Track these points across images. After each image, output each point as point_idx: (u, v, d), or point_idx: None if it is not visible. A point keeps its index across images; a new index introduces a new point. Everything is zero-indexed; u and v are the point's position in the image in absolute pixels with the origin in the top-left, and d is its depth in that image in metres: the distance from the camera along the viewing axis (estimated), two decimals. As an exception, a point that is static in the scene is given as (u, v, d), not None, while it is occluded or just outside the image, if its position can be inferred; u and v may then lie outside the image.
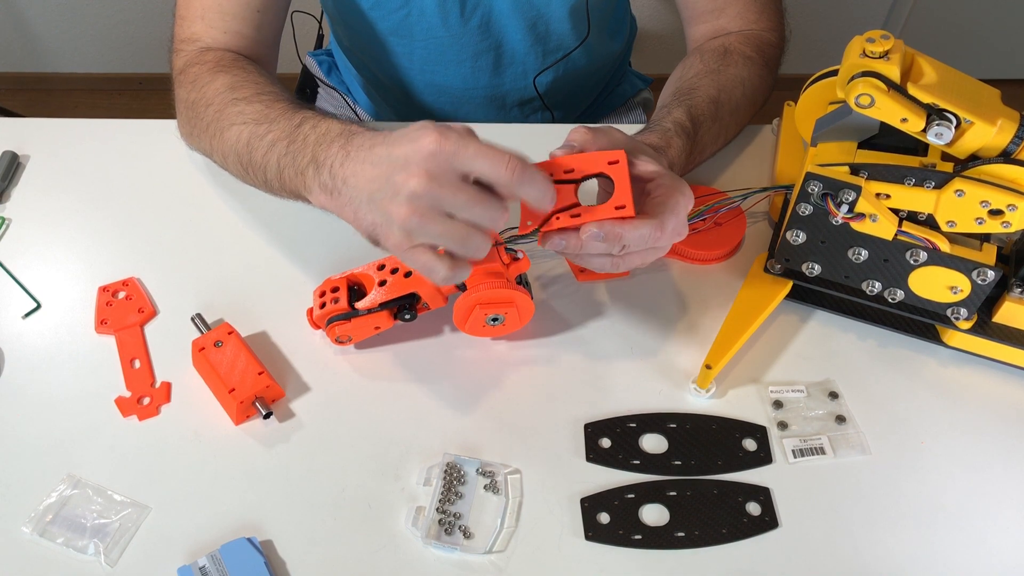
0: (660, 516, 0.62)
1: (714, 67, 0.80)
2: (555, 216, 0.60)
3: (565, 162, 0.60)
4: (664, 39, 2.03)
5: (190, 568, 0.58)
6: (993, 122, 0.61)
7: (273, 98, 0.73)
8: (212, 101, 0.75)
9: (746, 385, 0.70)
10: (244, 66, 0.79)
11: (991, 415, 0.68)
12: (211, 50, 0.80)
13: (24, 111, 1.94)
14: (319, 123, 0.66)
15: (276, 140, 0.68)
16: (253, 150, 0.71)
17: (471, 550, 0.60)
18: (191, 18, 0.81)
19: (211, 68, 0.78)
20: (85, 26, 2.08)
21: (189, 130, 0.81)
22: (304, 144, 0.66)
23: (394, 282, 0.67)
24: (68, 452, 0.65)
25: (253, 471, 0.64)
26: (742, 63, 0.81)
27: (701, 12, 0.87)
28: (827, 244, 0.68)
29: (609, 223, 0.59)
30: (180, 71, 0.80)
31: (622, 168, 0.59)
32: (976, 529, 0.62)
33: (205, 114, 0.76)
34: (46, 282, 0.76)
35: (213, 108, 0.75)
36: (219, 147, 0.76)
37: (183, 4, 0.82)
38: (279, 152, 0.68)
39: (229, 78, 0.76)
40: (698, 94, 0.77)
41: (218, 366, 0.67)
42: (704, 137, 0.77)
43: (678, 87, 0.79)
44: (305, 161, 0.65)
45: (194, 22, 0.81)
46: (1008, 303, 0.67)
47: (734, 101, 0.80)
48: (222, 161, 0.77)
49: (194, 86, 0.78)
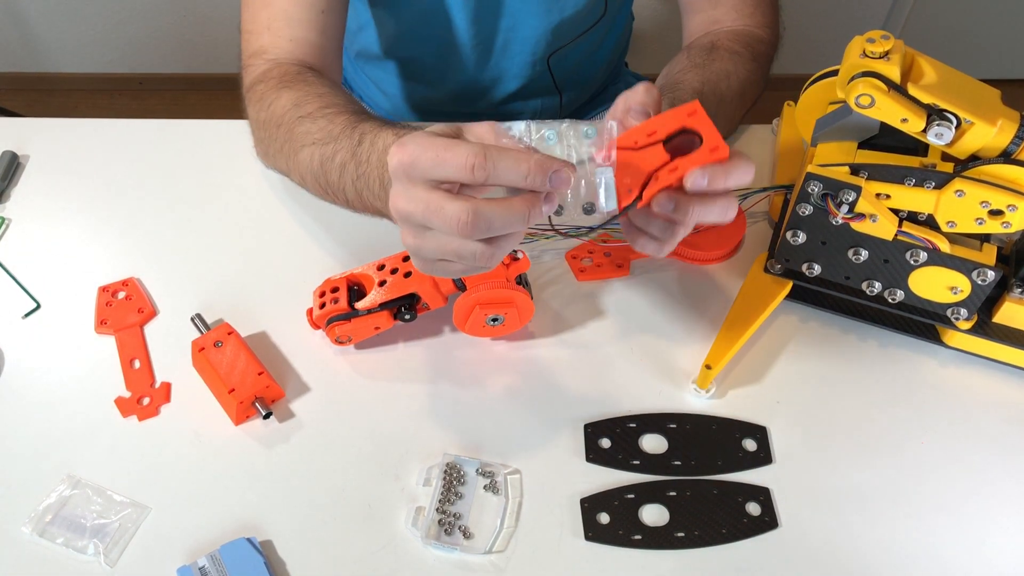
0: (660, 516, 0.62)
1: (699, 62, 0.80)
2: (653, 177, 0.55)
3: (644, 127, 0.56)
4: (661, 40, 2.03)
5: (190, 568, 0.58)
6: (993, 122, 0.61)
7: (336, 111, 0.71)
8: (281, 121, 0.74)
9: (746, 385, 0.70)
10: (307, 78, 0.77)
11: (991, 415, 0.68)
12: (278, 64, 0.78)
13: (24, 111, 1.94)
14: (376, 140, 0.66)
15: (345, 162, 0.68)
16: (328, 172, 0.70)
17: (471, 550, 0.60)
18: (258, 31, 0.79)
19: (276, 85, 0.76)
20: (85, 26, 2.08)
21: (264, 150, 0.79)
22: (368, 165, 0.66)
23: (394, 282, 0.67)
24: (68, 452, 0.65)
25: (253, 471, 0.64)
26: (728, 58, 0.81)
27: (698, 1, 0.87)
28: (827, 244, 0.68)
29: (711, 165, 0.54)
30: (248, 88, 0.79)
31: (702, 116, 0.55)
32: (976, 529, 0.62)
33: (277, 135, 0.75)
34: (46, 282, 0.76)
35: (283, 129, 0.74)
36: (296, 168, 0.75)
37: (249, 18, 0.80)
38: (351, 175, 0.67)
39: (293, 94, 0.74)
40: (681, 87, 0.77)
41: (218, 366, 0.67)
42: None
43: (663, 84, 0.79)
44: (377, 185, 0.65)
45: (261, 35, 0.79)
46: (1008, 303, 0.67)
47: (719, 93, 0.79)
48: (301, 181, 0.76)
49: (261, 105, 0.77)
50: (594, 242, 0.77)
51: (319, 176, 0.71)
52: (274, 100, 0.75)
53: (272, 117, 0.75)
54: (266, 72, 0.78)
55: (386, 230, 0.79)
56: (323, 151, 0.70)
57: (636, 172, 0.55)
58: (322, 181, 0.71)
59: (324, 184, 0.72)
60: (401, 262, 0.68)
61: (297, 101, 0.74)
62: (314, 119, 0.71)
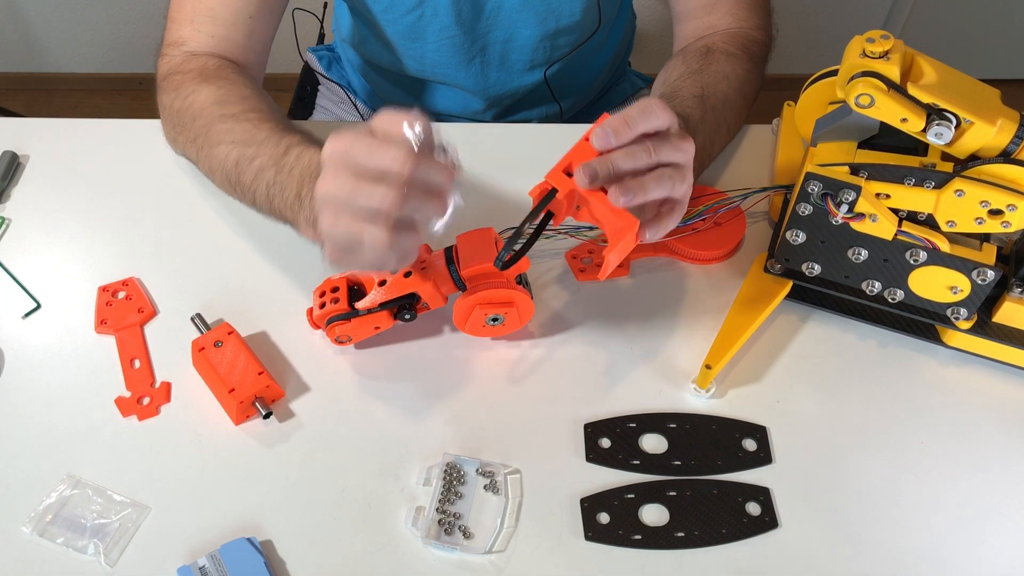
0: (660, 516, 0.62)
1: (696, 67, 0.80)
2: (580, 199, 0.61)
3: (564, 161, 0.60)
4: (664, 39, 2.02)
5: (190, 568, 0.58)
6: (993, 122, 0.61)
7: (260, 117, 0.73)
8: (198, 114, 0.75)
9: (746, 385, 0.70)
10: (229, 76, 0.78)
11: (991, 415, 0.68)
12: (195, 56, 0.80)
13: (24, 111, 1.94)
14: (303, 153, 0.67)
15: (264, 167, 0.69)
16: (241, 172, 0.71)
17: (471, 550, 0.60)
18: (180, 20, 0.80)
19: (195, 77, 0.77)
20: (85, 26, 2.08)
21: (174, 136, 0.81)
22: (290, 176, 0.66)
23: (394, 282, 0.67)
24: (68, 452, 0.65)
25: (253, 471, 0.64)
26: (724, 60, 0.81)
27: (693, 8, 0.87)
28: (827, 244, 0.68)
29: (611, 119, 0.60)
30: (164, 76, 0.80)
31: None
32: (976, 529, 0.62)
33: (192, 126, 0.76)
34: (46, 282, 0.76)
35: (200, 122, 0.75)
36: (206, 160, 0.76)
37: (175, 6, 0.81)
38: (267, 180, 0.69)
39: (215, 90, 0.76)
40: (681, 94, 0.77)
41: (218, 366, 0.67)
42: (704, 129, 0.76)
43: (662, 92, 0.79)
44: (292, 195, 0.66)
45: (183, 25, 0.80)
46: (1008, 303, 0.67)
47: (721, 93, 0.79)
48: (208, 173, 0.78)
49: (178, 94, 0.78)
50: (594, 242, 0.77)
51: (231, 174, 0.73)
52: (192, 92, 0.76)
53: (189, 108, 0.76)
54: (182, 63, 0.79)
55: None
56: (242, 152, 0.71)
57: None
58: (233, 179, 0.73)
59: (234, 182, 0.73)
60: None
61: (219, 99, 0.75)
62: (237, 120, 0.73)
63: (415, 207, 0.55)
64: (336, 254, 0.57)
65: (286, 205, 0.67)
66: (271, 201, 0.69)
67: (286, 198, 0.66)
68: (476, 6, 0.90)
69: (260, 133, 0.71)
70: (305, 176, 0.65)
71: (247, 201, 0.73)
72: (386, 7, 0.91)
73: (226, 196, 0.82)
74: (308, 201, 0.63)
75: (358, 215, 0.54)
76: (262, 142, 0.70)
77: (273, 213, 0.70)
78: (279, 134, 0.70)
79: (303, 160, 0.66)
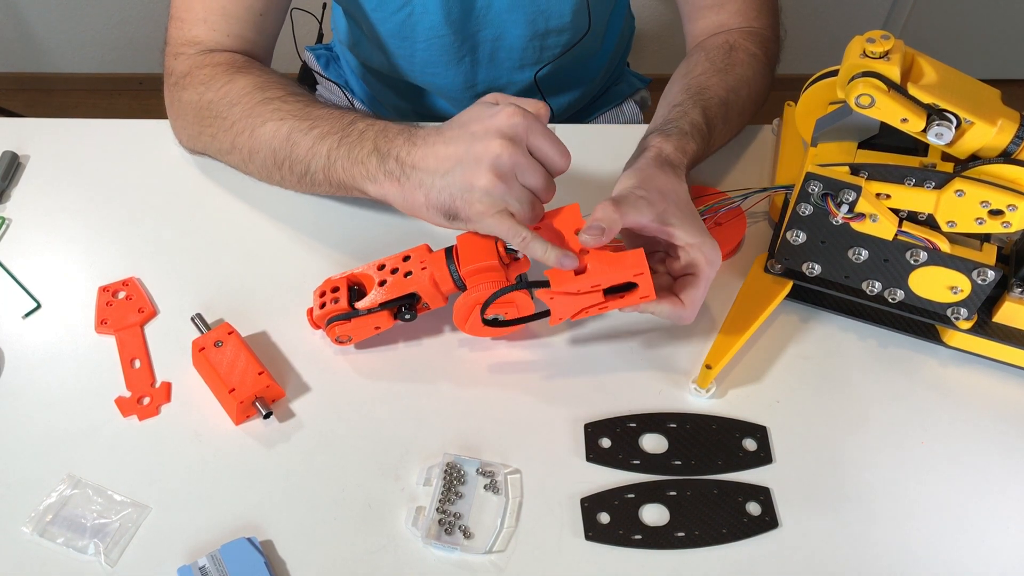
0: (660, 516, 0.62)
1: (721, 65, 0.80)
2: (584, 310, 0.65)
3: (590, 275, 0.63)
4: (663, 40, 2.03)
5: (190, 568, 0.58)
6: (993, 122, 0.61)
7: (310, 99, 0.75)
8: (237, 100, 0.76)
9: (746, 385, 0.70)
10: (262, 68, 0.80)
11: (991, 415, 0.68)
12: (215, 52, 0.80)
13: (24, 111, 1.94)
14: (375, 121, 0.70)
15: (326, 134, 0.71)
16: (295, 144, 0.72)
17: (471, 550, 0.60)
18: (192, 21, 0.80)
19: (226, 69, 0.78)
20: (85, 26, 2.08)
21: (198, 131, 0.81)
22: (362, 138, 0.68)
23: (394, 282, 0.67)
24: (68, 452, 0.65)
25: (253, 471, 0.64)
26: (748, 61, 0.82)
27: (702, 7, 0.87)
28: (827, 244, 0.68)
29: (637, 304, 0.64)
30: (185, 74, 0.80)
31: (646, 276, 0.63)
32: (976, 529, 0.62)
33: (229, 113, 0.76)
34: (46, 282, 0.76)
35: (239, 107, 0.76)
36: (246, 144, 0.76)
37: (182, 7, 0.81)
38: (330, 145, 0.70)
39: (253, 78, 0.77)
40: (709, 94, 0.77)
41: (218, 366, 0.67)
42: (716, 139, 0.78)
43: (687, 84, 0.79)
44: (366, 152, 0.68)
45: (195, 25, 0.80)
46: (1008, 303, 0.67)
47: (741, 102, 0.80)
48: (245, 158, 0.78)
49: (208, 87, 0.78)
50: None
51: (280, 149, 0.74)
52: (227, 82, 0.77)
53: (225, 97, 0.77)
54: (206, 59, 0.80)
55: (386, 230, 0.79)
56: (295, 124, 0.72)
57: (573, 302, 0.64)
58: (282, 153, 0.74)
59: (283, 157, 0.74)
60: (401, 262, 0.68)
61: (259, 85, 0.76)
62: (285, 100, 0.74)
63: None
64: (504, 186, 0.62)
65: (355, 163, 0.68)
66: (332, 165, 0.70)
67: (356, 157, 0.68)
68: (465, 5, 0.90)
69: (316, 110, 0.73)
70: (383, 135, 0.68)
71: (293, 175, 0.74)
72: (376, 5, 0.91)
73: (226, 196, 0.82)
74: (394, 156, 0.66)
75: (529, 189, 0.63)
76: (320, 117, 0.72)
77: (330, 179, 0.71)
78: (340, 111, 0.73)
79: (377, 126, 0.69)
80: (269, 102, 0.75)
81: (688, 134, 0.73)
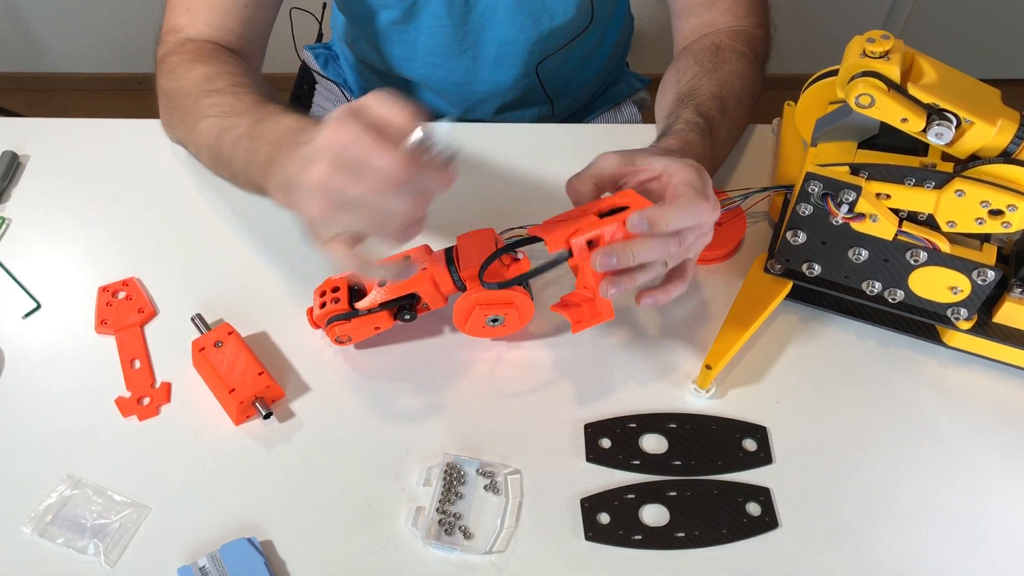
0: (660, 516, 0.62)
1: (709, 66, 0.80)
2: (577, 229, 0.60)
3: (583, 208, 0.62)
4: (663, 40, 2.03)
5: (190, 568, 0.58)
6: (993, 122, 0.61)
7: (246, 91, 0.73)
8: (189, 92, 0.76)
9: (746, 385, 0.70)
10: (222, 57, 0.78)
11: (991, 415, 0.68)
12: (192, 40, 0.80)
13: (24, 111, 1.93)
14: (280, 119, 0.65)
15: (241, 135, 0.68)
16: (222, 143, 0.71)
17: (471, 550, 0.60)
18: (178, 9, 0.81)
19: (189, 58, 0.78)
20: (85, 26, 2.08)
21: (167, 119, 0.82)
22: (264, 141, 0.65)
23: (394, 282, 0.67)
24: (68, 452, 0.65)
25: (253, 471, 0.64)
26: (736, 59, 0.81)
27: (692, 5, 0.87)
28: (827, 244, 0.68)
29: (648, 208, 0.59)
30: (161, 60, 0.81)
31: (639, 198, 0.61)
32: (976, 529, 0.62)
33: (182, 104, 0.76)
34: (46, 282, 0.76)
35: (190, 99, 0.75)
36: (193, 139, 0.76)
37: None
38: (244, 148, 0.68)
39: (206, 69, 0.76)
40: (700, 92, 0.77)
41: (218, 366, 0.67)
42: (720, 132, 0.76)
43: (679, 92, 0.79)
44: (264, 159, 0.64)
45: (180, 13, 0.81)
46: (1008, 303, 0.67)
47: (736, 94, 0.80)
48: (196, 152, 0.78)
49: (172, 76, 0.78)
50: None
51: (213, 148, 0.73)
52: (185, 72, 0.77)
53: (180, 88, 0.77)
54: (179, 46, 0.79)
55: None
56: (224, 123, 0.71)
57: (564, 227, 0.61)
58: (215, 152, 0.73)
59: (216, 155, 0.73)
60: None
61: (208, 76, 0.75)
62: (223, 94, 0.73)
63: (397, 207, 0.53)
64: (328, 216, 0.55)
65: (259, 170, 0.64)
66: (246, 169, 0.67)
67: (259, 163, 0.64)
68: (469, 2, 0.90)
69: (243, 104, 0.71)
70: (281, 140, 0.62)
71: (228, 175, 0.73)
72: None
73: (226, 196, 0.82)
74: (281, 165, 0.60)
75: (370, 211, 0.53)
76: (243, 112, 0.70)
77: (250, 183, 0.68)
78: (260, 105, 0.70)
79: (280, 125, 0.64)
80: (209, 95, 0.73)
81: (683, 130, 0.72)
